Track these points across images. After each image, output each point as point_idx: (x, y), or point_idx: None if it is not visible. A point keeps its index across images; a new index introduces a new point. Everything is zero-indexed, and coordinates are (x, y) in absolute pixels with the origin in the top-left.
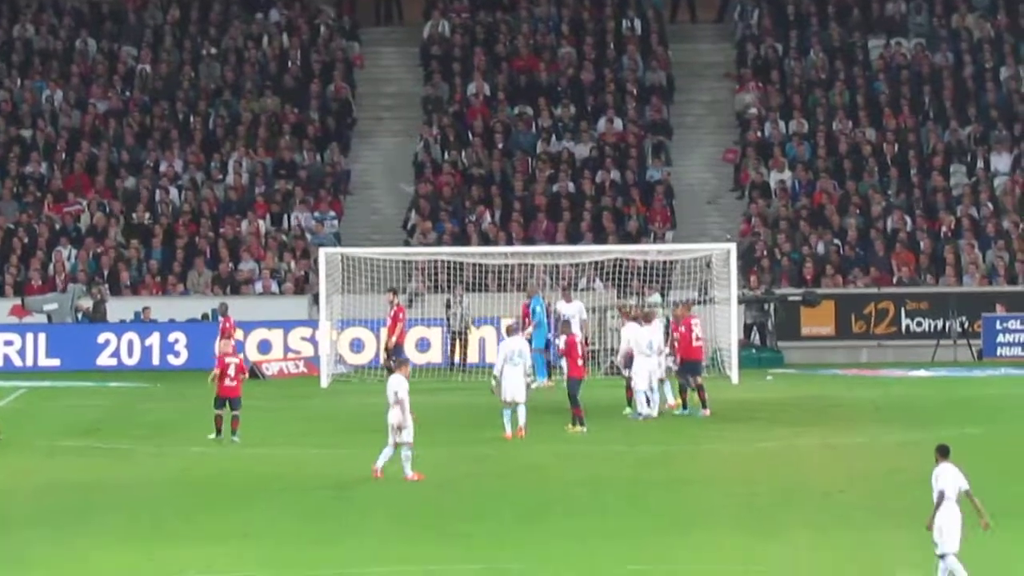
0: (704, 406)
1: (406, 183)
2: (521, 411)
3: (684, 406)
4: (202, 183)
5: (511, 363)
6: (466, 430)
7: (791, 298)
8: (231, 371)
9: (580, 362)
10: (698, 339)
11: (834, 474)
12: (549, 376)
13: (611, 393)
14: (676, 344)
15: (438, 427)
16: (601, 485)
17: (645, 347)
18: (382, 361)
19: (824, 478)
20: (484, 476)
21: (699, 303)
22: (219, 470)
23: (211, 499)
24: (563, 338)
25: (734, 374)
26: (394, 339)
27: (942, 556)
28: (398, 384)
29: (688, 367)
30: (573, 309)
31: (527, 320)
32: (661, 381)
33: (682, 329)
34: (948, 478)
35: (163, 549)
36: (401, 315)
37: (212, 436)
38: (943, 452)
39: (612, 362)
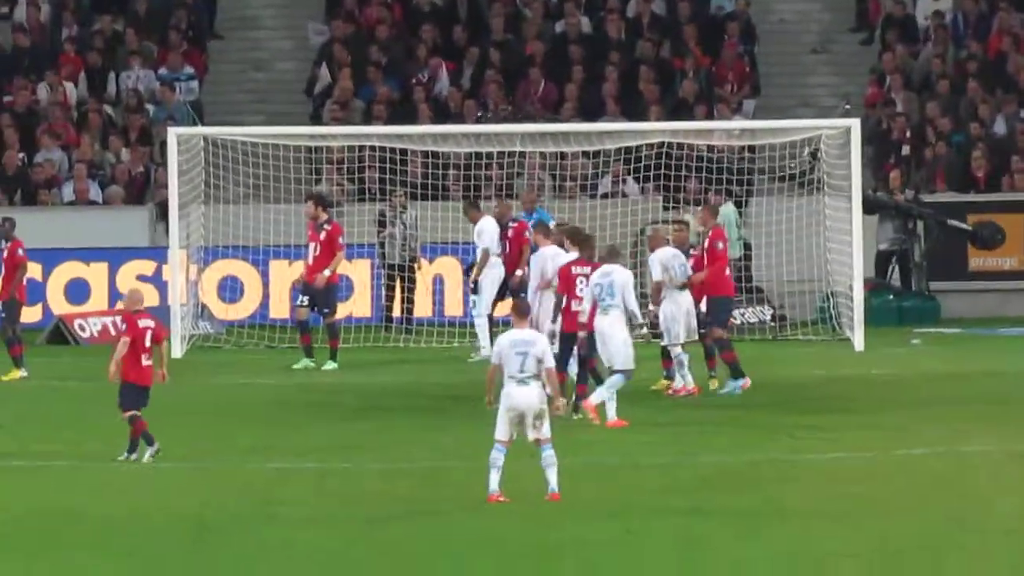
0: (741, 373)
1: (313, 20)
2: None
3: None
4: None
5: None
6: (420, 430)
7: (951, 224)
8: (147, 341)
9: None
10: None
11: (1023, 499)
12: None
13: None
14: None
15: (379, 427)
16: (639, 533)
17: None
18: (298, 307)
19: (1009, 505)
20: (448, 513)
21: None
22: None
23: None
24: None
25: (857, 335)
26: (326, 274)
27: None
28: (538, 341)
29: (719, 308)
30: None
31: (518, 250)
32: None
33: (706, 245)
34: None
35: None
36: (340, 239)
37: (124, 456)
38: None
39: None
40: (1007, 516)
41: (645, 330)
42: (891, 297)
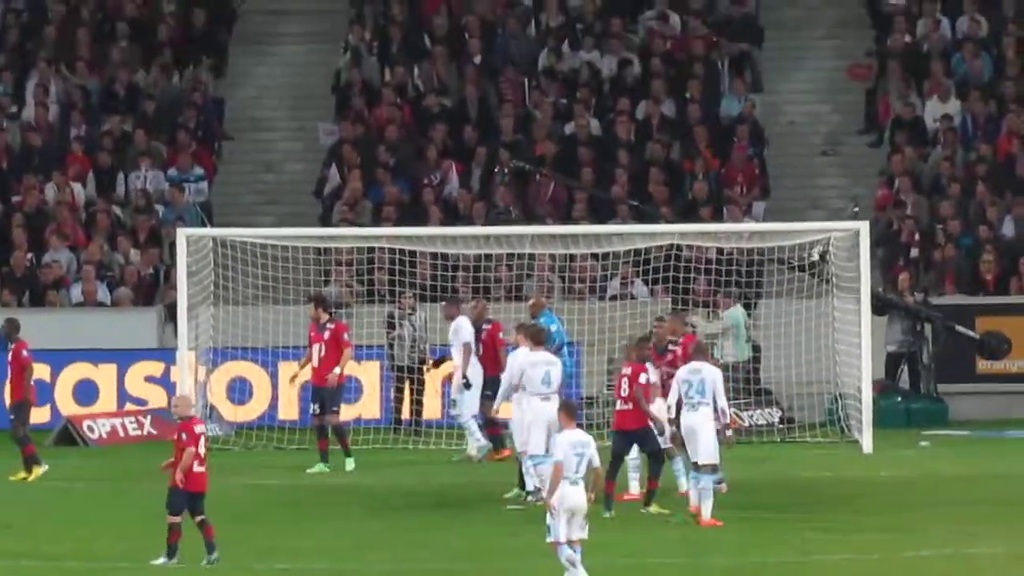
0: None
1: (322, 121)
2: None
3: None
4: None
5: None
6: (429, 531)
7: (959, 330)
8: (201, 448)
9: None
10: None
11: None
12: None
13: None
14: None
15: (388, 527)
16: None
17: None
18: (313, 416)
19: None
20: None
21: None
22: None
23: None
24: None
25: (865, 437)
26: (336, 373)
27: None
28: (591, 443)
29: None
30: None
31: (493, 351)
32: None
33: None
34: None
35: None
36: (345, 336)
37: (162, 560)
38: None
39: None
40: None
41: (731, 433)
42: (899, 399)
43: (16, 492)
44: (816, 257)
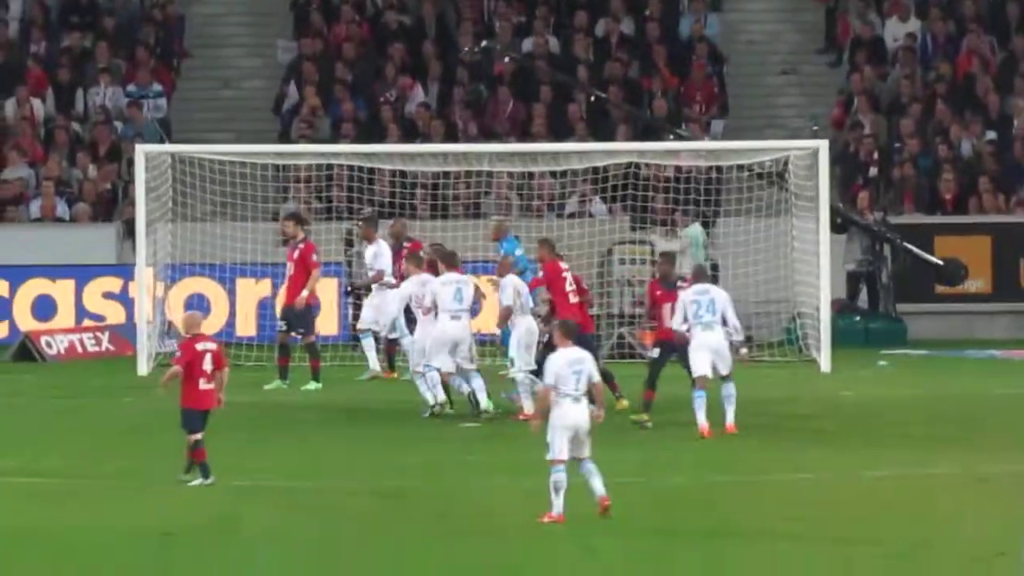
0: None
1: (281, 38)
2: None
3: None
4: None
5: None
6: (385, 448)
7: (917, 254)
8: (206, 364)
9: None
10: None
11: (989, 525)
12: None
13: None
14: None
15: (341, 451)
16: (599, 552)
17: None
18: (278, 332)
19: (975, 530)
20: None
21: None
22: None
23: None
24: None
25: (823, 356)
26: (304, 295)
27: None
28: (588, 359)
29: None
30: None
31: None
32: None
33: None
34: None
35: None
36: (314, 257)
37: (198, 480)
38: None
39: (625, 336)
40: (972, 541)
41: (744, 351)
42: (858, 319)
43: None
44: (780, 168)
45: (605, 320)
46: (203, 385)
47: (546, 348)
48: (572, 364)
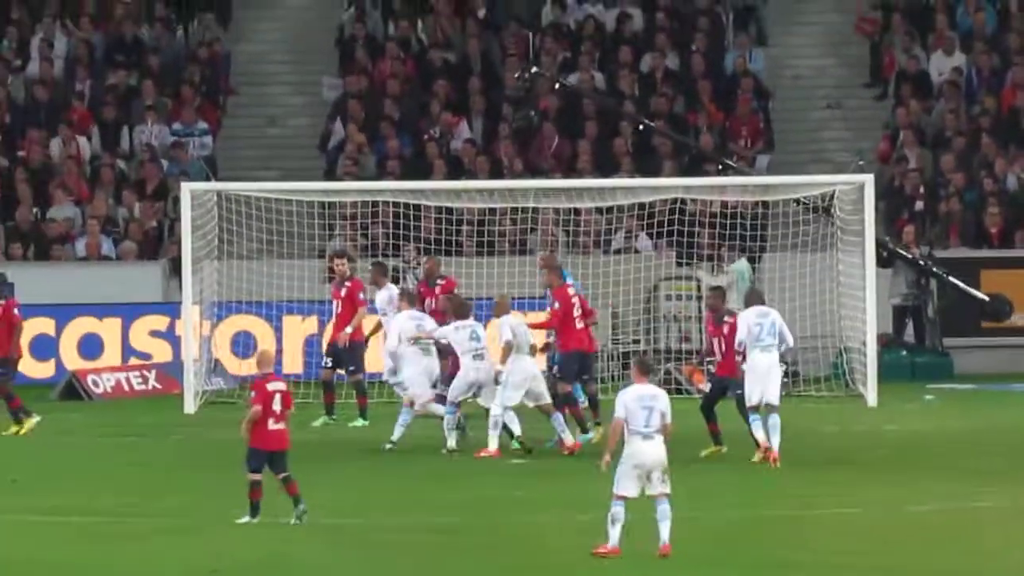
0: (584, 430)
1: (326, 75)
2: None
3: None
4: None
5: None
6: (430, 484)
7: (964, 289)
8: (276, 404)
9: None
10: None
11: None
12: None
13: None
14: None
15: (387, 487)
16: None
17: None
18: (323, 368)
19: (1020, 563)
20: None
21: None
22: None
23: None
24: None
25: (870, 391)
26: (348, 332)
27: None
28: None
29: (567, 363)
30: None
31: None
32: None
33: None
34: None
35: None
36: (361, 295)
37: (245, 519)
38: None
39: (671, 371)
40: (1017, 572)
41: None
42: (904, 353)
43: (21, 447)
44: (826, 203)
45: (652, 356)
46: (272, 425)
47: (557, 378)
48: (642, 400)
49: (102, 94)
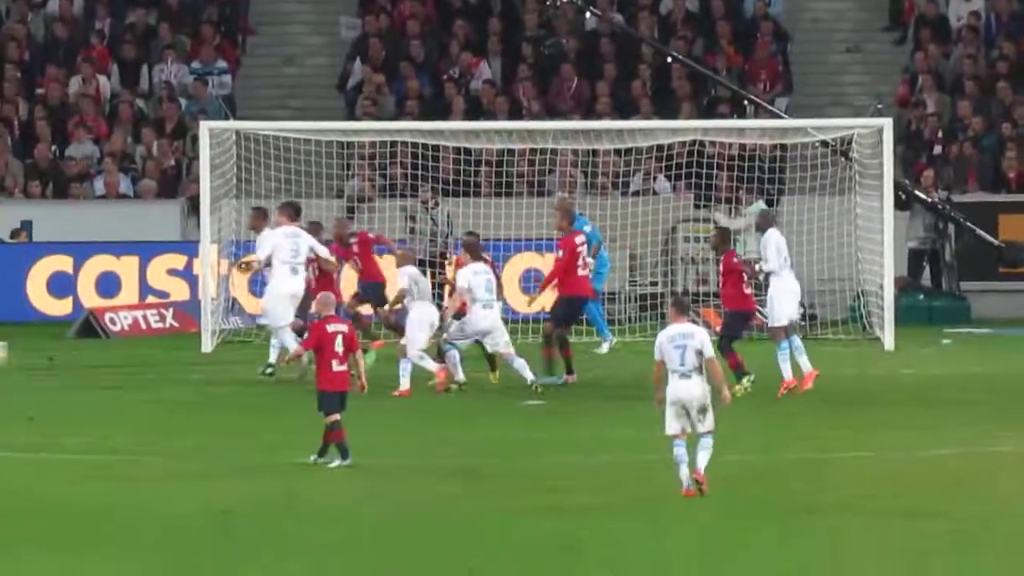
0: (570, 370)
1: (345, 15)
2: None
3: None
4: (6, 12)
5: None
6: (454, 426)
7: (980, 235)
8: (338, 346)
9: None
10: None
11: None
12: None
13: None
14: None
15: (413, 424)
16: (666, 529)
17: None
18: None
19: None
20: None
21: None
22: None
23: None
24: None
25: (887, 334)
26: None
27: None
28: (697, 333)
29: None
30: None
31: (371, 258)
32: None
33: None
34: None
35: None
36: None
37: (336, 462)
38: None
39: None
40: None
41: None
42: (921, 297)
43: (37, 385)
44: (845, 146)
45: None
46: (336, 367)
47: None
48: (673, 339)
49: (121, 32)
